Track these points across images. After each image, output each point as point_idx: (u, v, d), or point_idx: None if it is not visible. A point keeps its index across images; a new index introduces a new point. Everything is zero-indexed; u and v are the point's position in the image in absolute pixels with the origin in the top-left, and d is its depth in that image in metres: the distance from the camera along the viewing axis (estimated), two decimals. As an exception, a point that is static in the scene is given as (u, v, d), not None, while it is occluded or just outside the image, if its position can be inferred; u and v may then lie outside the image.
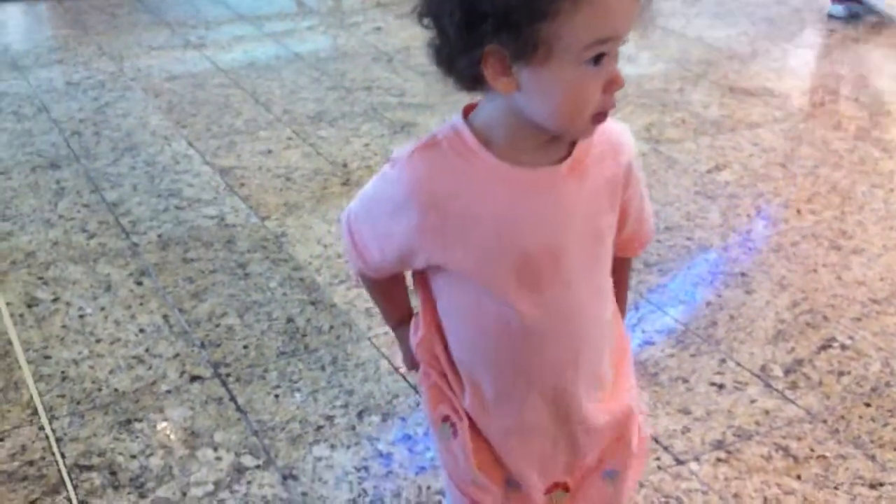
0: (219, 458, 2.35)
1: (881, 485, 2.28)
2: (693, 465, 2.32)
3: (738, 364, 2.69)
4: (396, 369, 2.67)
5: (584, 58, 1.14)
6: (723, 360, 2.71)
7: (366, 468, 2.33)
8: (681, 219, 3.49)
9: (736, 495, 2.24)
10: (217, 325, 2.86)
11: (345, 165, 3.93)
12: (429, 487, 2.26)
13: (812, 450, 2.38)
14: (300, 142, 4.16)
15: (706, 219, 3.51)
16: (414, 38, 5.62)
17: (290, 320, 2.90)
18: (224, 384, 2.61)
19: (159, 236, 3.36)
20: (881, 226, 3.46)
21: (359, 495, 2.25)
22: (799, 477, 2.30)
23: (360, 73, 5.07)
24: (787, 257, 3.26)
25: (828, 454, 2.37)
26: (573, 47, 1.13)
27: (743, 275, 3.14)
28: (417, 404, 2.54)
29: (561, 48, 1.13)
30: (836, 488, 2.27)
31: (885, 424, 2.47)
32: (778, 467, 2.32)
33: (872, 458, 2.36)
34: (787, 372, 2.67)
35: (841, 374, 2.66)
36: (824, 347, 2.77)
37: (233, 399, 2.56)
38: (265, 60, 5.32)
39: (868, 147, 4.12)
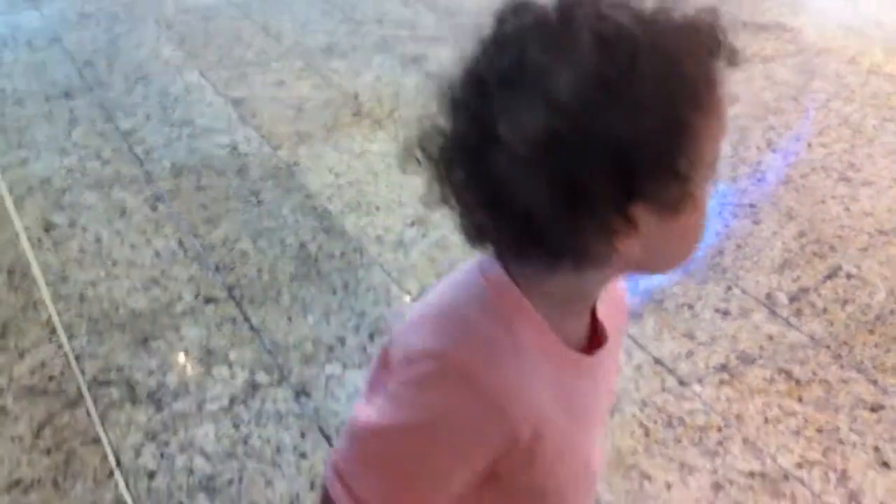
0: (233, 376, 2.41)
1: (882, 408, 2.33)
2: (696, 387, 2.37)
3: (744, 291, 2.73)
4: (408, 293, 2.72)
5: (711, 176, 0.89)
6: (728, 288, 2.75)
7: (377, 386, 2.38)
8: (690, 151, 3.49)
9: (738, 416, 2.29)
10: (231, 250, 2.91)
11: (356, 97, 3.94)
12: (438, 405, 2.32)
13: (814, 374, 2.43)
14: (311, 73, 4.17)
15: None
16: (426, -29, 5.59)
17: (302, 246, 2.94)
18: (238, 306, 2.66)
19: (173, 164, 3.40)
20: (890, 159, 3.47)
21: (370, 412, 2.30)
22: (800, 399, 2.34)
23: (370, 6, 5.05)
24: (796, 189, 3.28)
25: (830, 378, 2.41)
26: (707, 167, 0.87)
27: (751, 206, 3.17)
28: (427, 327, 2.59)
29: (700, 172, 0.86)
30: (836, 410, 2.31)
31: (888, 351, 2.51)
32: (780, 390, 2.37)
33: (874, 382, 2.40)
34: (791, 299, 2.70)
35: (846, 302, 2.70)
36: (830, 276, 2.81)
37: (247, 320, 2.61)
38: (277, -7, 5.31)
39: (881, 82, 4.11)
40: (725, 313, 2.65)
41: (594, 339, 1.01)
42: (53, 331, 2.55)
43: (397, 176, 3.34)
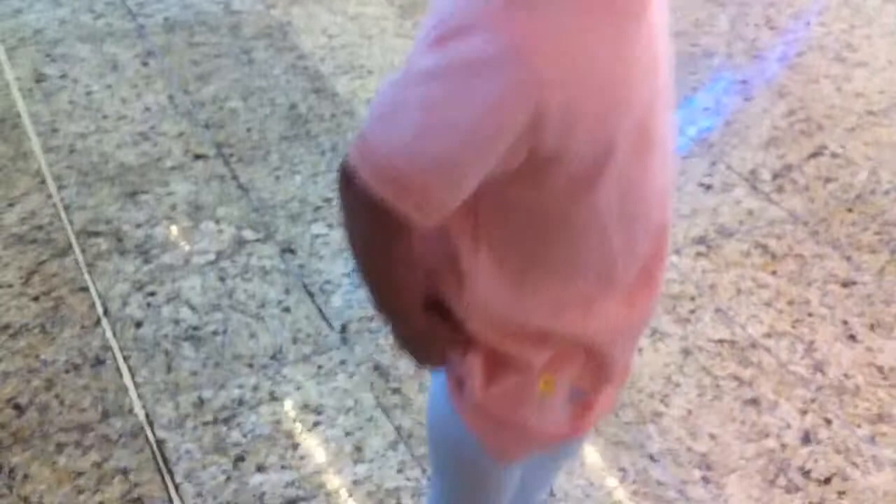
0: (220, 231, 2.45)
1: (853, 283, 2.38)
2: (673, 258, 2.41)
3: (728, 167, 2.75)
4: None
5: None
6: (713, 163, 2.77)
7: (361, 246, 2.43)
8: (688, 25, 3.47)
9: (711, 286, 2.34)
10: (221, 108, 2.91)
11: (353, -43, 3.87)
12: (420, 266, 2.37)
13: (790, 248, 2.47)
14: (309, -69, 4.08)
15: (714, 26, 3.49)
16: None
17: (292, 107, 2.94)
18: (227, 163, 2.69)
19: (165, 19, 3.37)
20: (888, 40, 3.44)
21: (353, 269, 2.35)
22: (774, 272, 2.39)
23: None
24: (791, 67, 3.26)
25: (805, 253, 2.46)
26: None
27: (744, 82, 3.16)
28: (413, 190, 2.62)
29: None
30: (809, 284, 2.37)
31: (865, 229, 2.55)
32: (755, 263, 2.42)
33: (848, 258, 2.45)
34: (775, 176, 2.73)
35: (828, 180, 2.73)
36: (815, 155, 2.83)
37: (235, 177, 2.64)
38: None
39: (886, -39, 4.04)
40: (708, 187, 2.67)
41: None
42: (43, 181, 2.58)
43: (391, 39, 3.31)
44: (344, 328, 2.20)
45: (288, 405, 2.01)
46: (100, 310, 2.22)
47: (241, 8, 3.47)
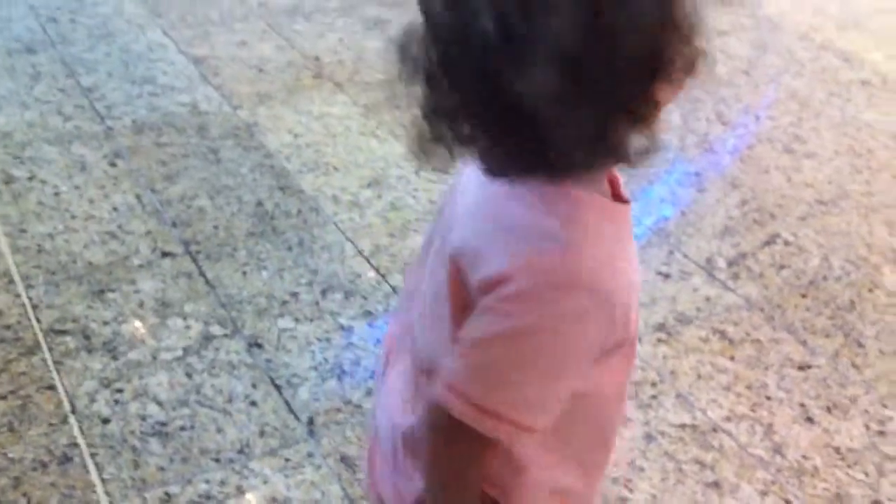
0: (188, 327, 2.48)
1: (809, 367, 2.44)
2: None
3: (685, 255, 2.83)
4: (361, 252, 2.79)
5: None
6: (670, 252, 2.85)
7: (328, 339, 2.46)
8: (642, 120, 3.58)
9: (672, 372, 2.40)
10: (188, 206, 2.97)
11: (317, 59, 3.99)
12: (386, 358, 2.41)
13: (747, 334, 2.54)
14: (274, 35, 4.21)
15: (667, 121, 3.61)
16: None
17: (259, 204, 3.00)
18: (194, 260, 2.73)
19: (133, 121, 3.44)
20: (834, 132, 3.58)
21: (320, 363, 2.39)
22: (732, 358, 2.45)
23: (336, -30, 5.07)
24: (742, 159, 3.38)
25: (762, 338, 2.52)
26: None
27: (697, 174, 3.27)
28: (379, 283, 2.67)
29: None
30: (766, 368, 2.43)
31: (819, 314, 2.63)
32: (714, 348, 2.48)
33: (804, 343, 2.52)
34: (730, 264, 2.81)
35: (782, 267, 2.81)
36: (768, 243, 2.92)
37: (202, 274, 2.68)
38: (242, -46, 5.32)
39: (830, 57, 4.21)
40: (666, 276, 2.75)
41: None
42: (11, 281, 2.60)
43: (355, 138, 3.40)
44: (311, 421, 2.22)
45: (255, 499, 2.02)
46: (67, 407, 2.23)
47: (208, 109, 3.55)
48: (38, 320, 2.47)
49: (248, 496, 2.02)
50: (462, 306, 1.02)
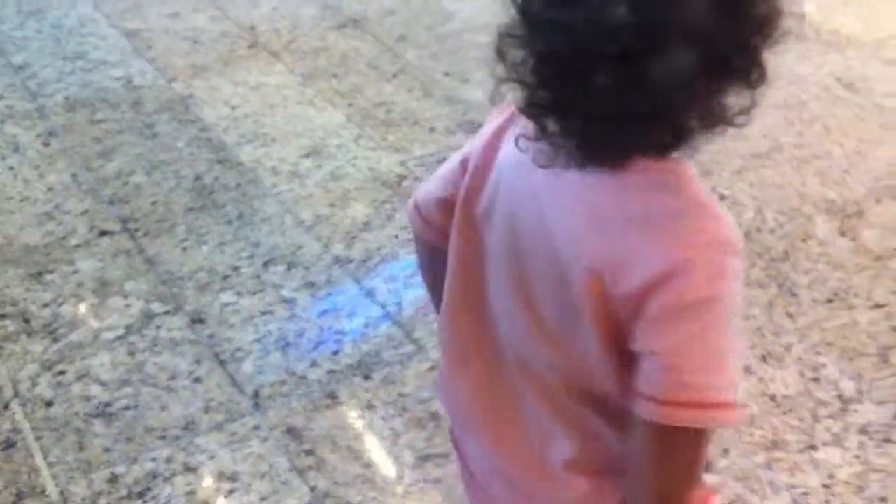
0: (128, 306, 2.47)
1: (744, 318, 2.49)
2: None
3: (623, 213, 2.86)
4: (302, 223, 2.79)
5: None
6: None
7: (270, 312, 2.47)
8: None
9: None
10: (125, 183, 2.94)
11: (252, 28, 3.95)
12: (329, 327, 2.42)
13: (684, 289, 2.58)
14: (207, 5, 4.16)
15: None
16: None
17: (197, 178, 2.99)
18: (133, 238, 2.71)
19: (66, 98, 3.39)
20: (770, 85, 3.61)
21: (263, 336, 2.39)
22: (670, 312, 2.49)
23: (269, -64, 5.01)
24: (678, 115, 3.41)
25: (699, 292, 2.57)
26: None
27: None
28: (321, 253, 2.67)
29: None
30: (703, 322, 2.47)
31: (753, 265, 2.67)
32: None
33: (739, 295, 2.57)
34: (667, 220, 2.84)
35: (717, 221, 2.85)
36: (704, 197, 2.96)
37: (141, 251, 2.66)
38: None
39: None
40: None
41: None
42: (-53, 266, 2.58)
43: (293, 108, 3.39)
44: (256, 394, 2.23)
45: (202, 475, 2.03)
46: (9, 392, 2.22)
47: (143, 83, 3.51)
48: (-24, 305, 2.45)
49: (196, 472, 2.03)
50: (606, 317, 1.00)
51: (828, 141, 3.27)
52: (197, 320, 2.44)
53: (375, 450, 2.11)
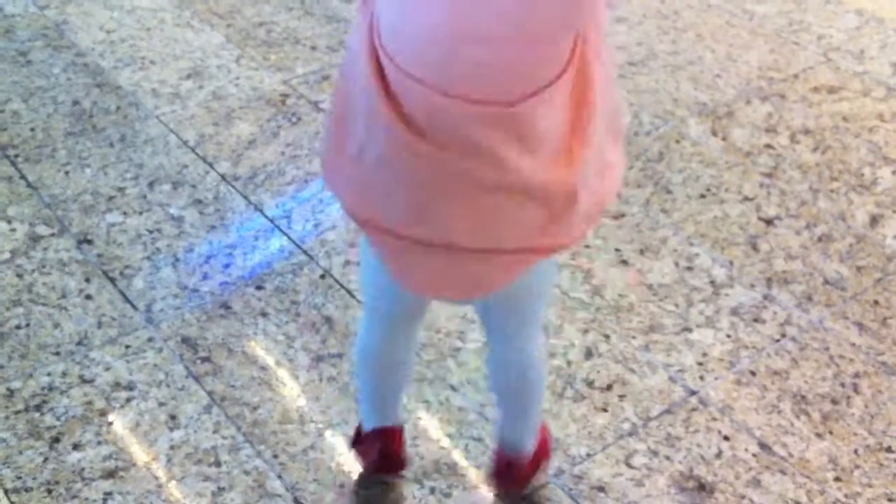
0: (13, 230, 2.45)
1: (623, 216, 2.60)
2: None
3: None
4: (185, 143, 2.78)
5: None
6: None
7: (158, 230, 2.47)
8: None
9: (497, 230, 2.51)
10: (2, 111, 2.88)
11: (125, -47, 3.86)
12: (219, 242, 2.44)
13: (565, 190, 2.67)
14: (77, -70, 4.04)
15: None
16: None
17: (76, 103, 2.94)
18: (13, 164, 2.67)
19: (-68, 28, 3.29)
20: (642, -4, 3.72)
21: (153, 253, 2.40)
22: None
23: None
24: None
25: (579, 193, 2.66)
26: None
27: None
28: (206, 172, 2.67)
29: None
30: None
31: (631, 167, 2.78)
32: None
33: (618, 194, 2.66)
34: (548, 126, 2.92)
35: (596, 126, 2.94)
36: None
37: (23, 177, 2.63)
38: None
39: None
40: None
41: None
42: None
43: (171, 30, 3.34)
44: (148, 308, 2.25)
45: (99, 385, 2.05)
46: None
47: (14, 11, 3.41)
48: None
49: (92, 383, 2.05)
50: None
51: (700, 47, 3.39)
52: (84, 241, 2.43)
53: (270, 354, 2.15)
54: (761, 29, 3.50)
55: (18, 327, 2.18)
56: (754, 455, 1.98)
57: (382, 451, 1.79)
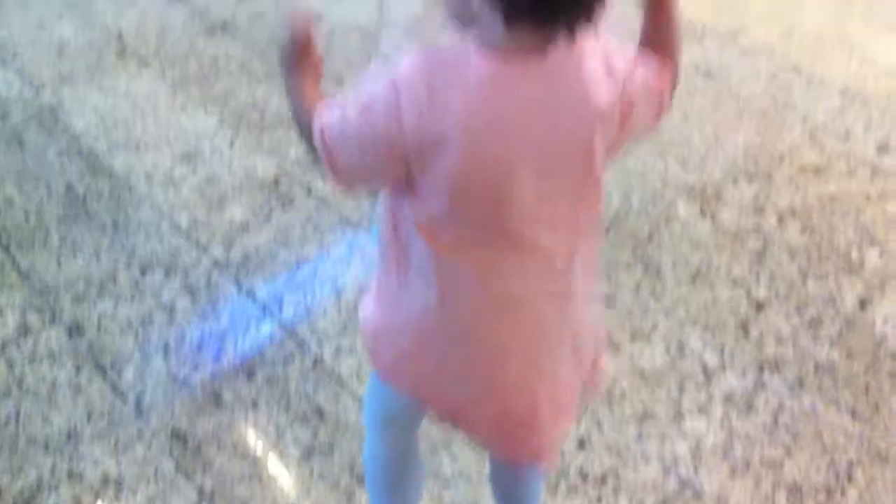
0: (4, 319, 2.44)
1: (614, 299, 2.61)
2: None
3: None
4: (178, 228, 2.79)
5: None
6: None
7: (150, 318, 2.47)
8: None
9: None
10: (-6, 196, 2.90)
11: (120, 36, 3.91)
12: (211, 330, 2.44)
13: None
14: (73, 14, 4.09)
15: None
16: None
17: (69, 188, 2.96)
18: (6, 251, 2.68)
19: (-72, 112, 3.31)
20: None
21: (144, 342, 2.40)
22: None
23: (133, -58, 4.95)
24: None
25: (570, 277, 2.67)
26: None
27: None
28: (199, 257, 2.68)
29: None
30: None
31: (620, 248, 2.80)
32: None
33: (608, 277, 2.68)
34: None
35: (586, 208, 2.96)
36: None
37: (15, 264, 2.63)
38: (32, -71, 5.11)
39: None
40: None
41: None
42: None
43: (165, 114, 3.37)
44: (138, 400, 2.24)
45: (88, 481, 2.04)
46: None
47: (8, 94, 3.45)
48: None
49: (81, 479, 2.03)
50: None
51: (687, 127, 3.43)
52: (75, 330, 2.42)
53: (261, 447, 2.14)
54: (747, 109, 3.54)
55: (7, 422, 2.17)
56: (749, 549, 1.96)
57: None
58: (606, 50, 1.26)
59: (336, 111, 1.27)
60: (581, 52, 1.22)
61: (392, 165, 1.22)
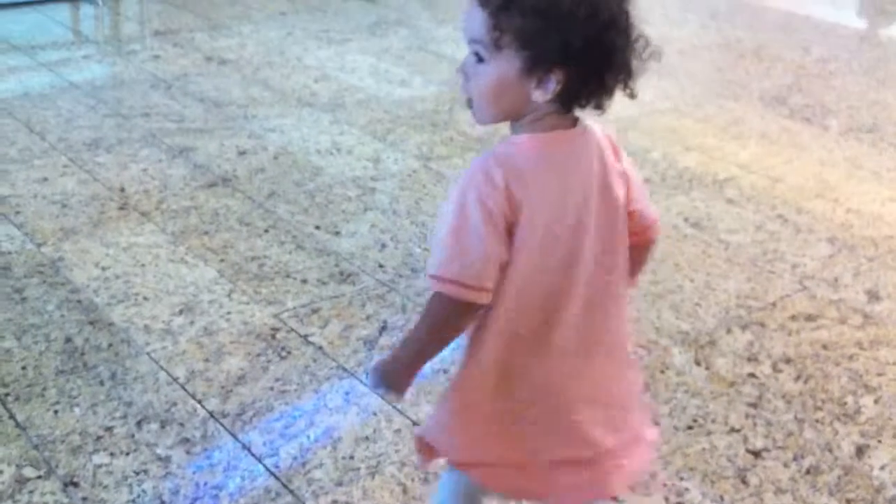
0: (0, 473, 2.43)
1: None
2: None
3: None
4: (175, 380, 2.81)
5: None
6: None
7: (145, 471, 2.46)
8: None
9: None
10: (-6, 349, 2.92)
11: (122, 190, 4.01)
12: (206, 483, 2.42)
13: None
14: (76, 168, 4.21)
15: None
16: (193, 64, 5.74)
17: (68, 340, 2.98)
18: (3, 404, 2.68)
19: (-69, 266, 3.36)
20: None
21: (138, 496, 2.38)
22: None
23: (138, 100, 5.13)
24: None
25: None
26: None
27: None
28: (195, 409, 2.69)
29: None
30: (572, 455, 2.57)
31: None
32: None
33: (605, 427, 2.68)
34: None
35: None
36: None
37: (12, 417, 2.63)
38: (40, 90, 5.30)
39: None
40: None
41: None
42: None
43: (165, 266, 3.43)
44: (132, 555, 2.21)
45: None
46: None
47: (10, 249, 3.51)
48: None
49: None
50: None
51: (679, 276, 3.49)
52: (70, 483, 2.41)
53: None
54: (737, 258, 3.62)
55: (-2, 579, 2.14)
56: None
57: None
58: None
59: (436, 263, 1.57)
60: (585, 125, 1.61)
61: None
